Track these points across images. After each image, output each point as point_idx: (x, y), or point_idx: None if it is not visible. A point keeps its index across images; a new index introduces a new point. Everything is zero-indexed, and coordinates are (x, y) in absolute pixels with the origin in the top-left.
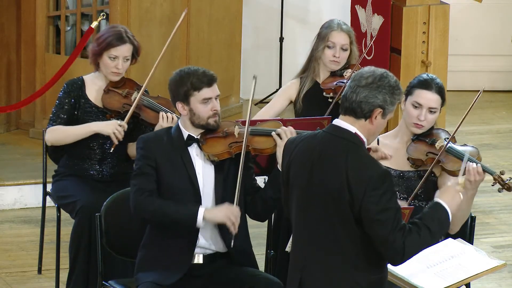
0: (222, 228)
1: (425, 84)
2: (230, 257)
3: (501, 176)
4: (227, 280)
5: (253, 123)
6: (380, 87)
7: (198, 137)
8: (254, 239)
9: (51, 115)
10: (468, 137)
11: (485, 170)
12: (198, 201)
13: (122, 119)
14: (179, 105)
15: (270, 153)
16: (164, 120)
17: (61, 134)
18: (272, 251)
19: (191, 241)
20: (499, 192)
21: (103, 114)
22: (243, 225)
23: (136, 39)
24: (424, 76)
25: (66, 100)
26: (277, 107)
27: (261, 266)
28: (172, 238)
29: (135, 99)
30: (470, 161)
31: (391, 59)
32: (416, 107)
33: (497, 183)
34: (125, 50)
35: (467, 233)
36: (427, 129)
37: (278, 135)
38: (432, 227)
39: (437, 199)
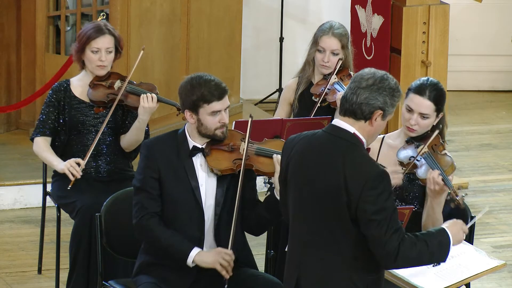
0: (219, 236)
1: (419, 89)
2: None
3: (456, 191)
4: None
5: (260, 138)
6: (381, 89)
7: (204, 146)
8: (254, 239)
9: (37, 122)
10: (468, 137)
11: (444, 182)
12: (200, 213)
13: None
14: (187, 113)
15: (273, 176)
16: (145, 101)
17: (39, 152)
18: (272, 251)
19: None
20: (452, 207)
21: (90, 108)
22: (239, 230)
23: (116, 31)
24: (423, 80)
25: (51, 107)
26: (283, 112)
27: (261, 266)
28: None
29: (118, 88)
30: (433, 168)
31: (391, 59)
32: (408, 110)
33: (450, 197)
34: (106, 41)
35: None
36: (420, 133)
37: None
38: (430, 245)
39: (443, 226)
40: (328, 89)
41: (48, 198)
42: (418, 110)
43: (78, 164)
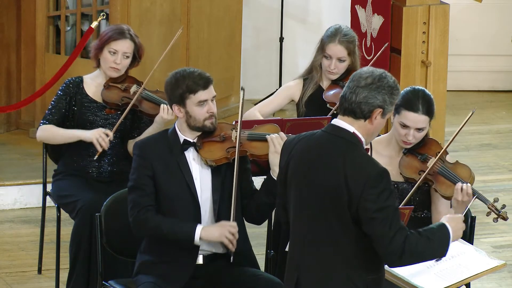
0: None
1: (411, 105)
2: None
3: (495, 204)
4: (227, 280)
5: (250, 125)
6: (380, 88)
7: (195, 140)
8: (254, 239)
9: (46, 111)
10: (468, 137)
11: (477, 197)
12: (196, 207)
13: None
14: (175, 108)
15: (267, 159)
16: (165, 112)
17: (50, 134)
18: (272, 251)
19: (193, 249)
20: (494, 222)
21: (101, 108)
22: (242, 227)
23: (138, 39)
24: (410, 92)
25: (62, 99)
26: (275, 103)
27: (261, 266)
28: (173, 245)
29: (134, 93)
30: (454, 182)
31: (391, 59)
32: (403, 126)
33: (492, 213)
34: (125, 45)
35: (467, 233)
36: (415, 143)
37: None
38: (432, 241)
39: (443, 221)
40: None
41: (48, 198)
42: (415, 126)
43: (106, 135)
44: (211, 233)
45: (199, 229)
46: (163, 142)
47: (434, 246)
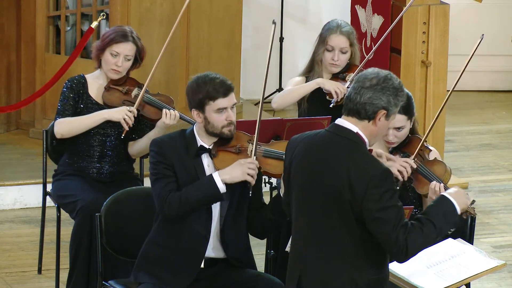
0: (223, 237)
1: None
2: (229, 261)
3: None
4: (228, 281)
5: (267, 139)
6: (384, 89)
7: (211, 147)
8: (254, 239)
9: (58, 108)
10: (468, 137)
11: None
12: (208, 210)
13: None
14: (194, 112)
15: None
16: (167, 117)
17: (71, 124)
18: (272, 251)
19: (198, 255)
20: (464, 217)
21: None
22: (245, 237)
23: (140, 41)
24: None
25: (71, 95)
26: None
27: (261, 266)
28: (181, 245)
29: (135, 96)
30: (430, 180)
31: (391, 59)
32: None
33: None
34: (127, 48)
35: (467, 233)
36: (399, 142)
37: None
38: (436, 222)
39: (443, 192)
40: (348, 87)
41: (48, 198)
42: (392, 126)
43: (130, 112)
44: (233, 175)
45: (217, 177)
46: (180, 142)
47: (440, 225)
